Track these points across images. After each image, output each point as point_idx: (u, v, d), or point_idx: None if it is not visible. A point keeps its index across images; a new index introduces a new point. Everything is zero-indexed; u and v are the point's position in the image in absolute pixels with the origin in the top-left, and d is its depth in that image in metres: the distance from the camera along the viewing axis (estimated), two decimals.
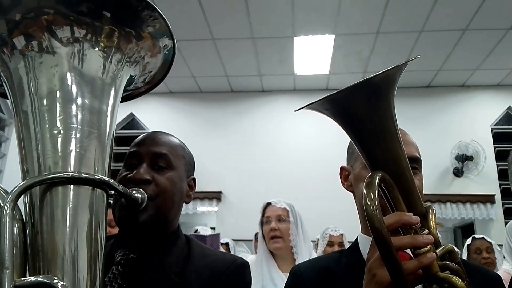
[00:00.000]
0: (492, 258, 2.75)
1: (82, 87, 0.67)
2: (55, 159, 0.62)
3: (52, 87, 0.65)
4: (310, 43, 4.40)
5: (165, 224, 0.87)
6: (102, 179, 0.64)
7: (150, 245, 0.84)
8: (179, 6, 3.78)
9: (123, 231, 0.87)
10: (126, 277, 0.79)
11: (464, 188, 4.86)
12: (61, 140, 0.63)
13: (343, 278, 0.81)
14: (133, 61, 0.75)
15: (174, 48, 0.78)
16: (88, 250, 0.61)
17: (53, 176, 0.60)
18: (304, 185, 4.81)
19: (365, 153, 0.63)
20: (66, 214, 0.60)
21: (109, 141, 0.70)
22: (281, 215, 1.85)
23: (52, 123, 0.63)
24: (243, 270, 0.87)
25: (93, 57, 0.68)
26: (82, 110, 0.66)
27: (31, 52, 0.65)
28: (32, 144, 0.63)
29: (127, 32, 0.71)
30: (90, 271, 0.61)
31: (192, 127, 5.28)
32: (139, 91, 0.88)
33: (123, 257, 0.81)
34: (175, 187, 0.87)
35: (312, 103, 0.57)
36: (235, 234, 4.24)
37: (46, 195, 0.60)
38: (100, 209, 0.65)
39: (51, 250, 0.58)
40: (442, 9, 3.74)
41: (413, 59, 0.55)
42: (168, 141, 0.92)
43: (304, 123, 5.15)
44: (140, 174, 0.82)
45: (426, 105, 5.14)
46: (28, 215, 0.61)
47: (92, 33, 0.67)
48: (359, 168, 0.85)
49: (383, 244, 0.52)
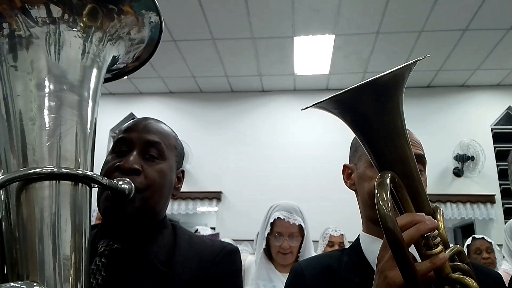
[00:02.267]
0: (492, 258, 2.75)
1: (60, 72, 0.61)
2: (33, 153, 0.56)
3: (26, 72, 0.59)
4: (310, 43, 4.40)
5: (152, 216, 0.82)
6: (85, 173, 0.59)
7: (135, 234, 0.79)
8: (179, 6, 3.78)
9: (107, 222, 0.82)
10: (110, 268, 0.74)
11: (464, 188, 4.86)
12: (38, 132, 0.57)
13: (344, 277, 0.80)
14: (116, 38, 0.69)
15: (161, 20, 0.73)
16: (71, 252, 0.56)
17: (31, 172, 0.54)
18: (304, 185, 4.81)
19: (373, 153, 0.62)
20: (45, 213, 0.55)
21: (92, 130, 0.64)
22: (293, 233, 1.71)
23: (26, 113, 0.57)
24: (233, 257, 0.83)
25: (72, 39, 0.62)
26: (60, 97, 0.60)
27: (2, 35, 0.59)
28: (6, 137, 0.57)
29: (109, 9, 0.65)
30: (74, 274, 0.56)
31: (192, 127, 5.28)
32: (131, 67, 0.82)
33: (106, 247, 0.76)
34: (164, 180, 0.81)
35: (320, 102, 0.56)
36: (235, 234, 4.24)
37: (23, 192, 0.54)
38: (83, 206, 0.60)
39: (30, 253, 0.53)
40: (442, 9, 3.74)
41: (423, 58, 0.54)
42: (161, 129, 0.85)
43: (304, 123, 5.15)
44: (130, 163, 0.75)
45: (426, 105, 5.14)
46: (3, 215, 0.56)
47: (70, 12, 0.61)
48: (363, 166, 0.85)
49: (396, 245, 0.51)
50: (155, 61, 4.72)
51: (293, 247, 1.70)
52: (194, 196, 5.01)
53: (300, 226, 1.72)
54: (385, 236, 0.51)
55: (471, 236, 2.96)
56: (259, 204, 1.94)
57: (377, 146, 0.61)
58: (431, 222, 0.56)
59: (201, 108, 5.48)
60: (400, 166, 0.60)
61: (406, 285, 0.52)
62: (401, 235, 0.51)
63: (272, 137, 5.25)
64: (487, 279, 0.81)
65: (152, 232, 0.82)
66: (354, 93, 0.53)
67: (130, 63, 0.80)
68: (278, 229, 1.72)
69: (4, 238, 0.55)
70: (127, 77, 5.14)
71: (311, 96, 5.10)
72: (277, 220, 1.73)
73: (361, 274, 0.78)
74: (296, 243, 1.71)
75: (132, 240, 0.79)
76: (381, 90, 0.55)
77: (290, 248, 1.69)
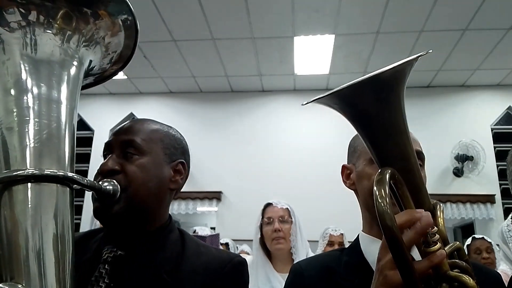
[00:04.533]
0: (492, 258, 2.76)
1: (36, 75, 0.61)
2: (12, 156, 0.57)
3: (4, 77, 0.60)
4: (310, 43, 4.40)
5: (146, 215, 0.81)
6: (65, 175, 0.60)
7: (139, 240, 0.79)
8: (179, 6, 3.78)
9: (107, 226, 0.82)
10: (114, 276, 0.74)
11: (464, 188, 4.86)
12: (17, 135, 0.58)
13: (344, 276, 0.80)
14: (93, 43, 0.70)
15: (135, 21, 0.73)
16: (55, 253, 0.57)
17: (11, 175, 0.55)
18: (304, 185, 4.81)
19: (374, 149, 0.62)
20: (27, 215, 0.55)
21: (70, 133, 0.65)
22: (283, 215, 1.83)
23: (6, 116, 0.58)
24: (241, 269, 0.82)
25: (47, 42, 0.62)
26: (37, 101, 0.61)
27: None
28: None
29: (83, 13, 0.66)
30: (58, 274, 0.56)
31: (192, 127, 5.28)
32: (109, 72, 0.82)
33: (110, 254, 0.76)
34: (148, 174, 0.80)
35: (321, 97, 0.56)
36: (235, 234, 4.24)
37: (4, 195, 0.55)
38: (65, 206, 0.61)
39: (14, 254, 0.54)
40: (442, 9, 3.74)
41: (425, 53, 0.53)
42: (139, 127, 0.85)
43: (305, 123, 5.15)
44: (107, 165, 0.77)
45: (426, 105, 5.14)
46: None
47: (44, 15, 0.62)
48: (363, 165, 0.85)
49: (394, 243, 0.50)
50: (155, 61, 4.72)
51: (284, 230, 1.79)
52: (194, 196, 5.01)
53: (288, 209, 1.86)
54: (383, 233, 0.51)
55: (471, 236, 2.96)
56: (259, 204, 1.94)
57: (378, 142, 0.61)
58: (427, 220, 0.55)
59: (201, 108, 5.48)
60: (401, 162, 0.60)
61: (404, 283, 0.51)
62: (400, 233, 0.50)
63: (272, 137, 5.25)
64: (487, 279, 0.81)
65: (158, 238, 0.81)
66: (356, 88, 0.53)
67: (109, 67, 0.81)
68: (268, 214, 1.86)
69: None
70: (127, 77, 5.14)
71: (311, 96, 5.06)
72: (267, 207, 1.89)
73: (360, 275, 0.78)
74: (287, 226, 1.81)
75: (137, 246, 0.78)
76: (382, 86, 0.55)
77: (282, 231, 1.78)
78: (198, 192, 5.01)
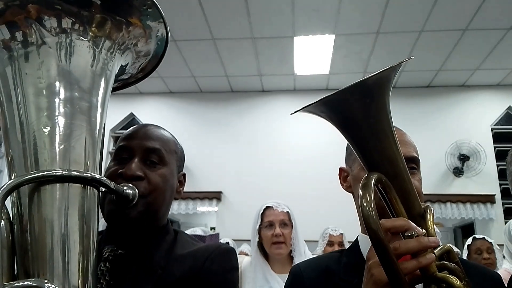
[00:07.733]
0: (492, 259, 2.75)
1: (71, 79, 0.63)
2: (44, 156, 0.59)
3: (39, 80, 0.61)
4: (310, 43, 4.40)
5: (155, 220, 0.84)
6: (93, 176, 0.61)
7: (139, 240, 0.81)
8: (179, 6, 3.78)
9: (111, 227, 0.84)
10: (114, 273, 0.76)
11: (464, 188, 4.86)
12: (49, 136, 0.60)
13: (343, 278, 0.81)
14: (124, 49, 0.72)
15: (167, 33, 0.75)
16: (80, 251, 0.59)
17: (42, 175, 0.57)
18: (304, 185, 4.81)
19: (362, 154, 0.63)
20: (55, 214, 0.58)
21: (100, 136, 0.67)
22: (284, 219, 1.78)
23: (39, 118, 0.60)
24: (228, 255, 0.82)
25: (82, 48, 0.65)
26: (71, 104, 0.62)
27: (16, 43, 0.62)
28: (19, 141, 0.60)
29: (118, 21, 0.68)
30: (82, 272, 0.59)
31: (192, 127, 5.28)
32: (134, 78, 0.85)
33: (111, 253, 0.78)
34: (167, 184, 0.84)
35: (306, 106, 0.57)
36: (235, 234, 4.24)
37: (35, 194, 0.57)
38: (92, 207, 0.63)
39: (40, 251, 0.56)
40: (442, 9, 3.74)
41: (407, 60, 0.55)
42: (161, 135, 0.87)
43: (305, 123, 5.15)
44: (132, 170, 0.78)
45: (426, 105, 5.14)
46: (16, 215, 0.58)
47: (80, 22, 0.64)
48: (357, 169, 0.86)
49: (379, 245, 0.52)
50: None
51: (285, 234, 1.75)
52: (194, 196, 5.01)
53: (288, 213, 1.80)
54: (369, 236, 0.53)
55: (472, 236, 2.95)
56: (259, 204, 1.94)
57: (365, 148, 0.62)
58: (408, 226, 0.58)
59: (201, 108, 5.49)
60: (388, 167, 0.61)
61: (390, 283, 0.53)
62: (384, 236, 0.52)
63: (273, 136, 5.25)
64: (486, 279, 0.82)
65: (156, 238, 0.84)
66: (340, 96, 0.54)
67: (135, 73, 0.83)
68: (268, 218, 1.79)
69: (15, 238, 0.57)
70: None
71: (311, 96, 5.05)
72: (267, 210, 1.82)
73: (359, 276, 0.78)
74: (287, 230, 1.77)
75: (136, 246, 0.81)
76: (366, 92, 0.56)
77: (283, 235, 1.74)
78: (198, 192, 5.01)
